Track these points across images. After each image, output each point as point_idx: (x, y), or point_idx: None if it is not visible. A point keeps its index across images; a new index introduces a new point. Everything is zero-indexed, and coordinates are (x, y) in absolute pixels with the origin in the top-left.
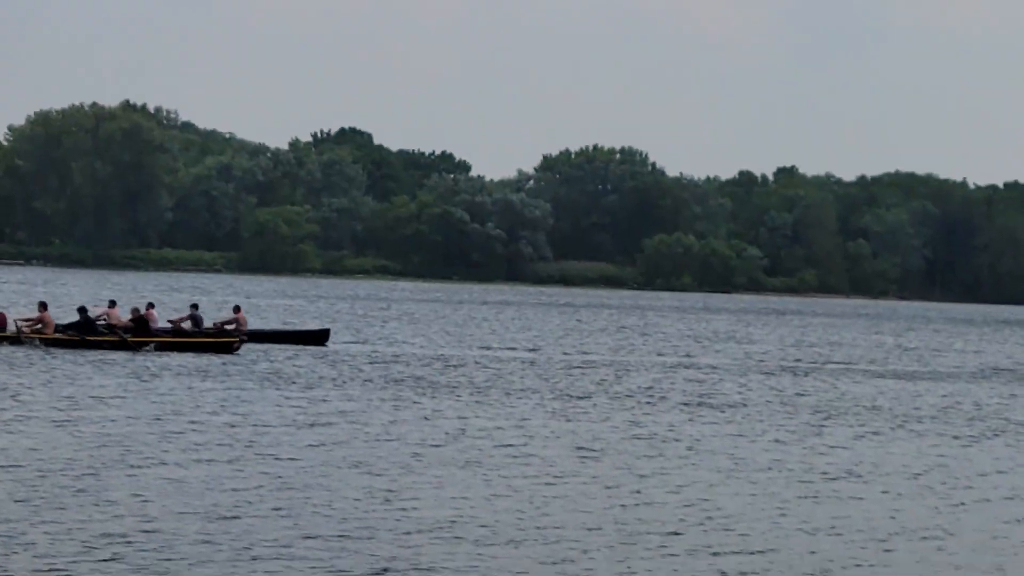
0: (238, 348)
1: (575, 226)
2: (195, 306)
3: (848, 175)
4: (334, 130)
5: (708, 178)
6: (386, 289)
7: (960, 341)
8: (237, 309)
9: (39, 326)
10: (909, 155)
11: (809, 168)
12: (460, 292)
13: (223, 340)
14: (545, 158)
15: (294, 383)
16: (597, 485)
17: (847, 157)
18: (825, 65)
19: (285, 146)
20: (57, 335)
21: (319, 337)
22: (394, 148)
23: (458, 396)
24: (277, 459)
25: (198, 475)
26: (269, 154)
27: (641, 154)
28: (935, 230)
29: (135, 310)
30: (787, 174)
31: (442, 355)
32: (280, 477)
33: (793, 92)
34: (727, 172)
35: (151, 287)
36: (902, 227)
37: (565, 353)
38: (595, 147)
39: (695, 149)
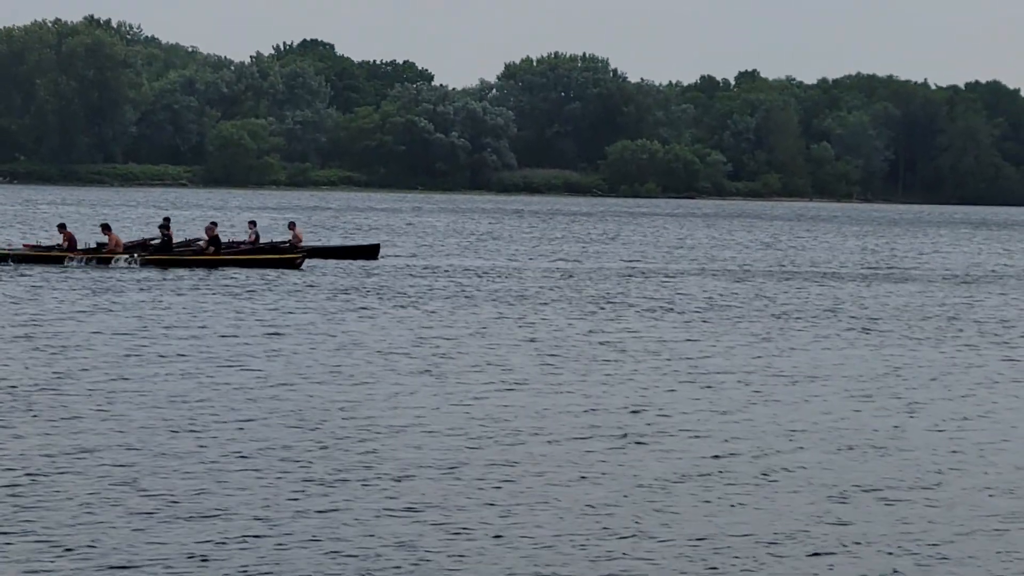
0: (301, 264)
1: (538, 134)
2: (253, 223)
3: (809, 78)
4: (296, 42)
5: (670, 83)
6: (363, 200)
7: (925, 242)
8: (292, 225)
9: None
10: (870, 57)
11: (770, 72)
12: (442, 201)
13: (288, 256)
14: (507, 66)
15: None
16: (552, 390)
17: (808, 60)
18: None
19: (248, 59)
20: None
21: (370, 251)
22: (356, 59)
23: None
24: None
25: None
26: (232, 67)
27: (603, 61)
28: (897, 132)
29: (209, 228)
30: (749, 78)
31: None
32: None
33: None
34: (689, 77)
35: (119, 202)
36: (864, 129)
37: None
38: (557, 54)
39: (657, 55)
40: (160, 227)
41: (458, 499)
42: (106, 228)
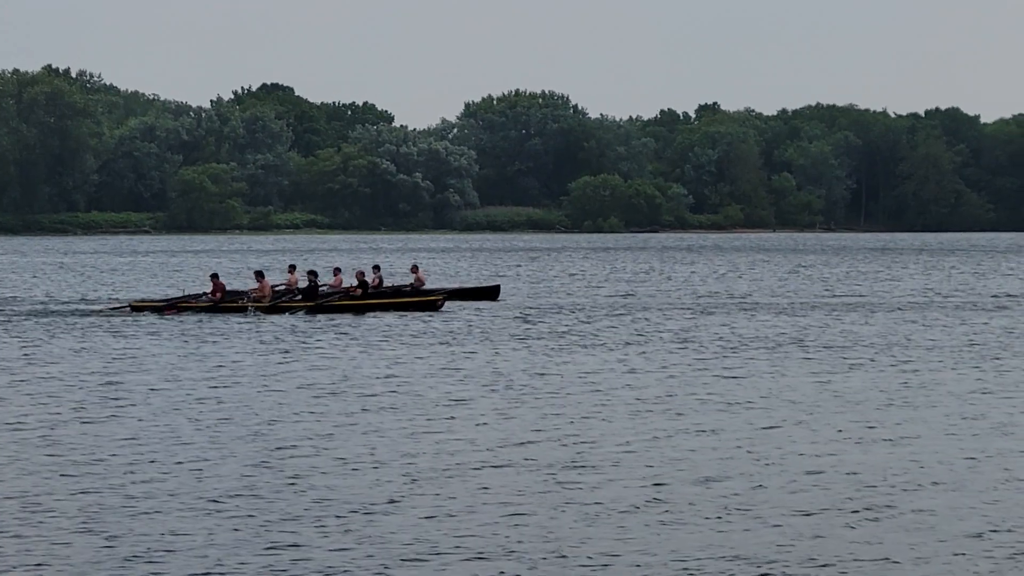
0: (441, 306)
1: (500, 172)
2: (376, 267)
3: (769, 109)
4: (256, 86)
5: (631, 118)
6: (329, 242)
7: (890, 270)
8: (415, 268)
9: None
10: (829, 87)
11: (730, 104)
12: (409, 241)
13: (429, 299)
14: (467, 105)
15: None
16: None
17: (768, 92)
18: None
19: (208, 104)
20: (283, 302)
21: (492, 293)
22: (316, 101)
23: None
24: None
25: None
26: (192, 113)
27: (563, 97)
28: (858, 160)
29: (360, 273)
30: (709, 111)
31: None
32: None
33: (712, 28)
34: (649, 111)
35: (85, 250)
36: (825, 159)
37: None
38: (517, 92)
39: (616, 90)
40: (308, 273)
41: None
42: (259, 275)
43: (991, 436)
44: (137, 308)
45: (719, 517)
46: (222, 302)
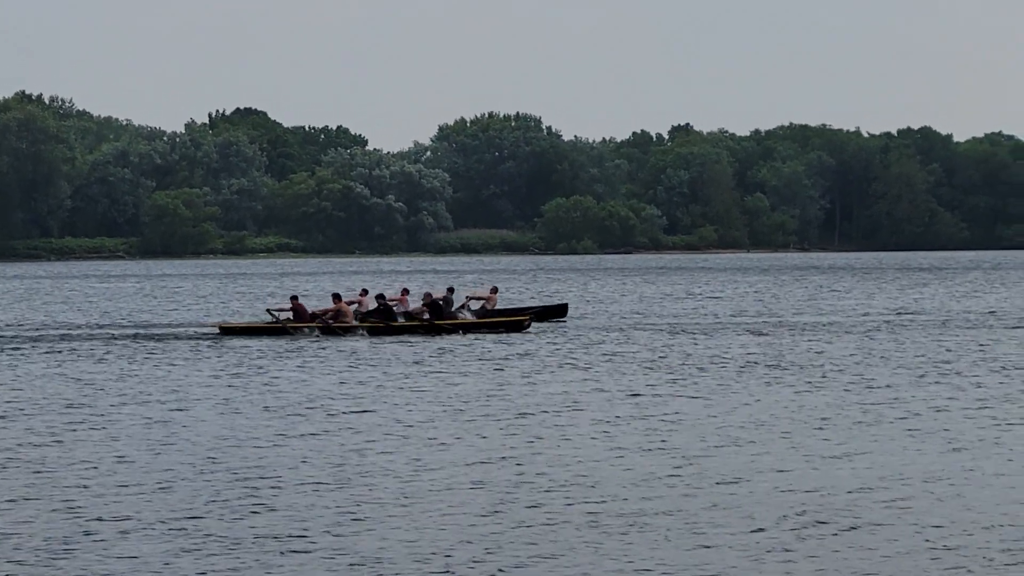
0: (528, 326)
1: (474, 194)
2: (451, 289)
3: (742, 130)
4: (229, 110)
5: (604, 140)
6: (304, 265)
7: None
8: (494, 290)
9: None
10: (802, 107)
11: (703, 125)
12: (383, 263)
13: (516, 319)
14: (441, 128)
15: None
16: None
17: (741, 112)
18: (714, 20)
19: (182, 129)
20: (360, 323)
21: (560, 311)
22: (289, 125)
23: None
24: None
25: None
26: (165, 138)
27: (536, 119)
28: (832, 180)
29: (427, 295)
30: (682, 132)
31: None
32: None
33: (684, 49)
34: (622, 133)
35: (57, 274)
36: (799, 179)
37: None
38: (490, 115)
39: (589, 112)
40: (377, 297)
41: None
42: (336, 297)
43: (950, 453)
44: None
45: (669, 534)
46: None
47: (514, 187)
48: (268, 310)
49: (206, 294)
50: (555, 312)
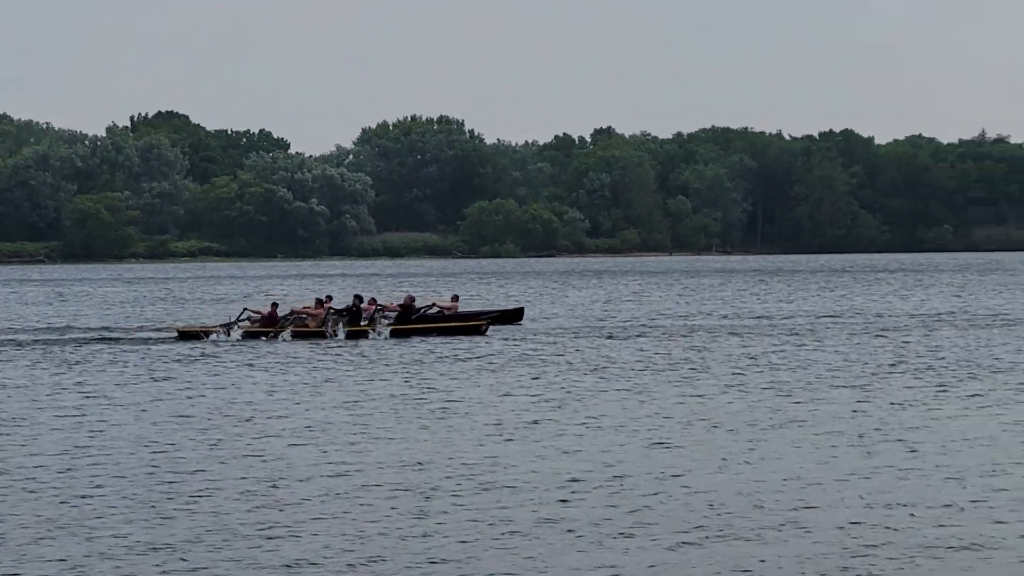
0: (486, 330)
1: (397, 198)
2: (411, 298)
3: (664, 133)
4: (151, 113)
5: (526, 143)
6: (226, 269)
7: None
8: (455, 298)
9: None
10: (724, 110)
11: (626, 128)
12: (306, 267)
13: (473, 323)
14: (363, 131)
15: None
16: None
17: (663, 115)
18: (637, 24)
19: (103, 132)
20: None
21: (516, 315)
22: (212, 128)
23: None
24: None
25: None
26: (87, 141)
27: (458, 122)
28: (754, 183)
29: (409, 297)
30: (604, 135)
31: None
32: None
33: (606, 52)
34: (545, 136)
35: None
36: (721, 182)
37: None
38: (413, 118)
39: (512, 115)
40: (355, 296)
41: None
42: (320, 302)
43: (863, 455)
44: (183, 334)
45: (592, 537)
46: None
47: (437, 190)
48: (245, 308)
49: (128, 299)
50: (511, 316)
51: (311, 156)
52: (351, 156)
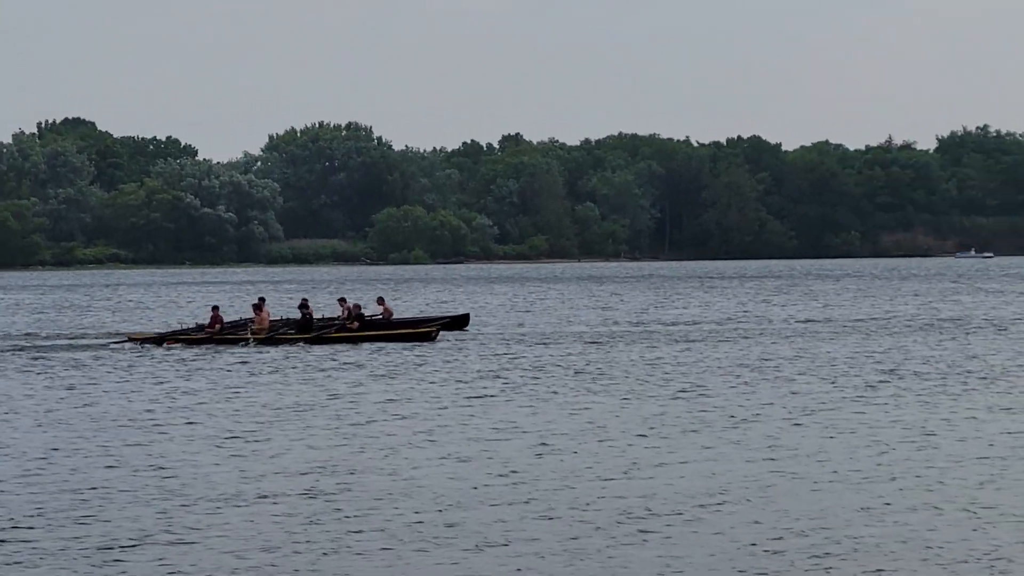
0: (436, 336)
1: (305, 205)
2: (343, 299)
3: (572, 139)
4: (58, 119)
5: (435, 149)
6: (134, 277)
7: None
8: (381, 301)
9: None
10: (632, 116)
11: (534, 134)
12: (215, 275)
13: (424, 330)
14: (271, 138)
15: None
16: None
17: (571, 121)
18: (545, 31)
19: (9, 139)
20: (277, 334)
21: (461, 322)
22: (119, 135)
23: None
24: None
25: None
26: None
27: (367, 129)
28: (662, 189)
29: (356, 305)
30: (512, 141)
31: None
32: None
33: (515, 59)
34: (453, 143)
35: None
36: (629, 188)
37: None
38: (320, 124)
39: (420, 121)
40: (300, 307)
41: None
42: (258, 307)
43: (770, 459)
44: (135, 340)
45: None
46: (219, 334)
47: (345, 197)
48: (197, 323)
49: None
50: (457, 323)
51: (219, 163)
52: (259, 163)
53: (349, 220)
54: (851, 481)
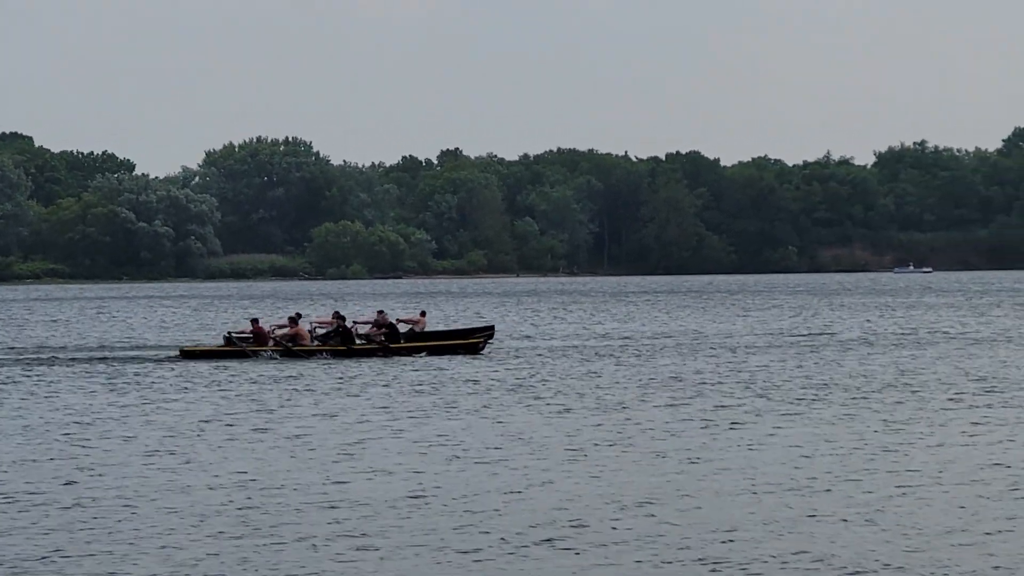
0: (483, 347)
1: (243, 219)
2: (381, 310)
3: (511, 155)
4: None
5: (373, 164)
6: (71, 291)
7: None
8: (423, 314)
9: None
10: (571, 132)
11: (472, 150)
12: (151, 290)
13: (471, 341)
14: (208, 153)
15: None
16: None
17: (510, 137)
18: (484, 45)
19: None
20: (319, 346)
21: (488, 333)
22: (56, 150)
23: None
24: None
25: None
26: None
27: (305, 144)
28: (601, 204)
29: (382, 315)
30: (451, 157)
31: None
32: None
33: (453, 74)
34: (392, 158)
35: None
36: (567, 203)
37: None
38: (259, 139)
39: (359, 136)
40: (334, 317)
41: None
42: (293, 321)
43: (682, 472)
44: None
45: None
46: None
47: (283, 212)
48: (229, 333)
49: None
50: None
51: (156, 177)
52: (197, 178)
53: (287, 235)
54: (764, 491)
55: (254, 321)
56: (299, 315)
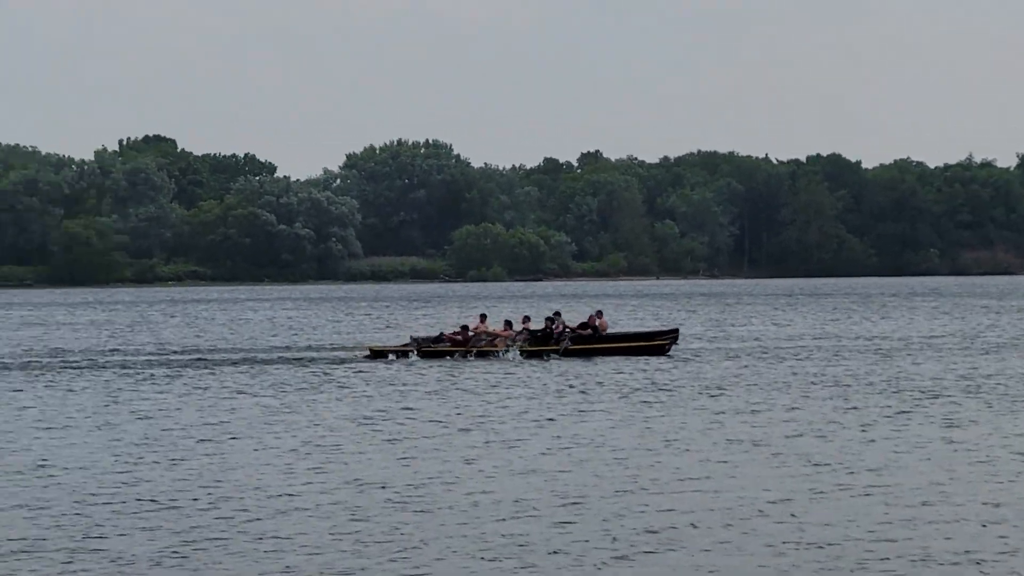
0: (669, 349)
1: (384, 222)
2: (558, 313)
3: (651, 157)
4: (139, 137)
5: (514, 167)
6: (213, 293)
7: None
8: (600, 314)
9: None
10: (711, 134)
11: (613, 152)
12: (293, 292)
13: (657, 343)
14: (349, 156)
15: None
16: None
17: (650, 139)
18: (624, 47)
19: (91, 156)
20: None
21: (673, 336)
22: (199, 153)
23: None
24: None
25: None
26: (74, 166)
27: (446, 147)
28: (741, 207)
29: (592, 317)
30: (591, 159)
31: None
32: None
33: (595, 76)
34: (532, 160)
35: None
36: (708, 206)
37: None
38: (400, 142)
39: (499, 139)
40: (547, 319)
41: None
42: (508, 324)
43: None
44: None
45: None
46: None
47: (424, 214)
48: (412, 337)
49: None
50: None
51: (297, 180)
52: (338, 180)
53: (428, 237)
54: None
55: (464, 328)
56: (484, 316)
